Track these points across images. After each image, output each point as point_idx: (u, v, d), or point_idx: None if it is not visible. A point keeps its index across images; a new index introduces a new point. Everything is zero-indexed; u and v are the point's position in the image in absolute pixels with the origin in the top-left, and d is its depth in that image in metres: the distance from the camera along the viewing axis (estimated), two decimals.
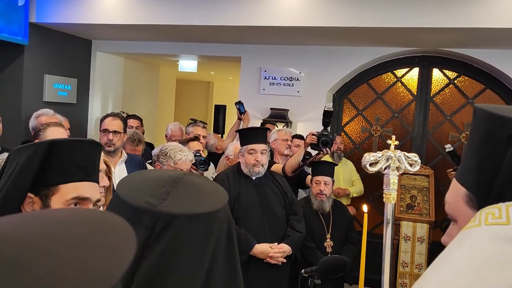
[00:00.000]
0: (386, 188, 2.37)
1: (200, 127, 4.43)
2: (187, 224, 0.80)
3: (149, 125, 6.75)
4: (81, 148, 1.21)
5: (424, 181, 4.88)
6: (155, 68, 7.74)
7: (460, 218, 0.73)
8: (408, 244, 4.58)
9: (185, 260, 0.80)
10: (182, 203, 0.83)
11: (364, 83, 5.52)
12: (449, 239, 0.73)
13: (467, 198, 0.72)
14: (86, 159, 1.21)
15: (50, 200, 1.18)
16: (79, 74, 5.97)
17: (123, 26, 4.98)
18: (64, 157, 1.18)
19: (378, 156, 2.31)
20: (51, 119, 3.63)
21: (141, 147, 4.02)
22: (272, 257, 3.00)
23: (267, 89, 5.55)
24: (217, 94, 10.68)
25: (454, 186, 0.76)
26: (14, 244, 0.38)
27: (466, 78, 5.22)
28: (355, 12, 4.15)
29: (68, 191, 1.19)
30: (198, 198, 0.86)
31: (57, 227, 0.42)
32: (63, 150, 1.18)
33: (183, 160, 2.87)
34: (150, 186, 0.86)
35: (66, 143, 1.20)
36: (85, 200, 1.22)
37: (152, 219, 0.79)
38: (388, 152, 2.34)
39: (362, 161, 2.33)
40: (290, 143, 4.15)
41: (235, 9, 4.46)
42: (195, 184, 0.90)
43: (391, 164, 2.32)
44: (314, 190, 3.52)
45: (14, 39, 4.96)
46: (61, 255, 0.38)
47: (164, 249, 0.78)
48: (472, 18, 3.87)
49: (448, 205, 0.77)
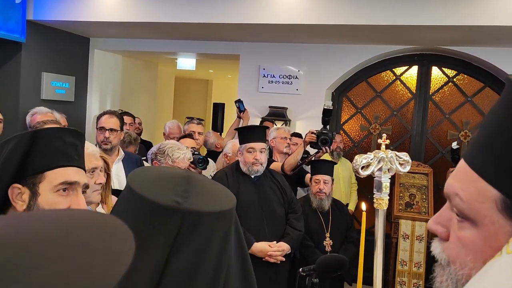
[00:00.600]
0: (377, 193, 2.13)
1: (194, 124, 4.41)
2: (212, 222, 0.80)
3: (147, 123, 6.74)
4: (62, 135, 1.23)
5: (423, 179, 4.88)
6: (154, 66, 7.72)
7: (487, 225, 0.58)
8: (407, 242, 4.57)
9: (211, 258, 0.79)
10: (204, 201, 0.82)
11: (363, 81, 5.51)
12: (443, 230, 0.64)
13: (504, 205, 0.56)
14: (67, 146, 1.24)
15: (38, 187, 1.20)
16: (77, 72, 5.95)
17: (121, 24, 4.96)
18: (47, 144, 1.20)
19: (370, 158, 2.10)
20: (45, 117, 3.63)
21: (133, 148, 3.95)
22: (271, 256, 2.99)
23: (266, 87, 5.53)
24: (216, 92, 10.67)
25: (474, 183, 0.59)
26: (12, 248, 0.37)
27: (465, 76, 5.21)
28: (354, 9, 4.14)
29: (55, 176, 1.21)
30: (214, 196, 0.86)
31: (55, 229, 0.41)
32: (44, 138, 1.21)
33: (181, 158, 2.86)
34: (167, 184, 0.83)
35: (47, 131, 1.23)
36: (73, 184, 1.24)
37: (178, 217, 0.77)
38: (380, 153, 2.12)
39: (353, 165, 2.10)
40: (289, 141, 4.14)
41: (233, 6, 4.45)
42: (204, 183, 0.89)
43: (383, 166, 2.10)
44: (313, 188, 3.51)
45: (11, 36, 4.94)
46: (60, 259, 0.37)
47: (192, 249, 0.77)
48: (471, 16, 3.85)
49: (463, 203, 0.60)
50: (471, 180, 0.60)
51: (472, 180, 0.60)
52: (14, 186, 1.19)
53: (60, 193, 1.22)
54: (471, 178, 0.60)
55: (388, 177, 2.14)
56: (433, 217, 0.67)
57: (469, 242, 0.60)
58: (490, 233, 0.58)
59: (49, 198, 1.21)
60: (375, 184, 2.16)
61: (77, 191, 1.26)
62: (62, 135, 1.24)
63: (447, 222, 0.64)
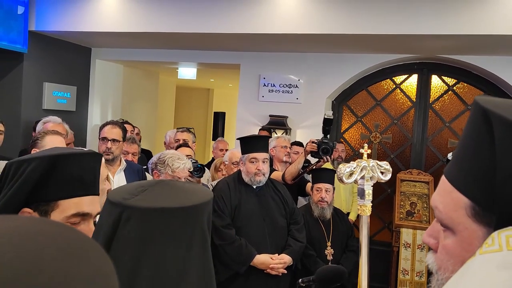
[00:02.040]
0: (361, 200, 2.26)
1: (186, 132, 4.38)
2: (152, 217, 0.86)
3: (148, 132, 6.76)
4: (83, 161, 1.17)
5: (424, 188, 4.87)
6: (155, 76, 7.75)
7: (462, 231, 0.64)
8: (408, 251, 4.56)
9: (154, 250, 0.85)
10: (151, 199, 0.89)
11: (363, 90, 5.53)
12: (434, 242, 0.69)
13: (473, 212, 0.62)
14: (87, 172, 1.17)
15: (50, 216, 1.14)
16: (78, 82, 5.97)
17: (123, 34, 4.99)
18: (66, 171, 1.13)
19: (353, 166, 2.23)
20: (57, 127, 3.58)
21: (135, 146, 3.94)
22: (273, 268, 2.97)
23: (266, 96, 5.55)
24: (217, 101, 10.69)
25: (450, 194, 0.65)
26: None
27: (465, 84, 5.22)
28: (354, 19, 4.16)
29: (69, 207, 1.14)
30: (171, 195, 0.91)
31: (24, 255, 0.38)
32: (64, 164, 1.13)
33: (181, 168, 2.86)
34: (133, 186, 0.94)
35: (68, 157, 1.15)
36: (86, 216, 1.18)
37: (119, 211, 0.87)
38: (362, 162, 2.25)
39: (338, 173, 2.23)
40: (289, 150, 4.15)
41: (234, 17, 4.48)
42: (176, 185, 0.96)
43: (365, 174, 2.23)
44: (315, 197, 3.51)
45: (13, 47, 4.97)
46: None
47: (129, 238, 0.85)
48: (471, 24, 3.88)
49: (441, 213, 0.67)
50: (447, 191, 0.66)
51: (448, 191, 0.66)
52: (24, 211, 1.13)
53: (71, 224, 1.15)
54: (447, 190, 0.66)
55: (370, 184, 2.26)
56: (426, 230, 0.73)
57: (450, 249, 0.66)
58: (465, 238, 0.64)
59: None
60: (358, 192, 2.30)
61: (89, 222, 1.19)
62: (83, 161, 1.17)
63: (437, 234, 0.70)
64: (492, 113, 0.61)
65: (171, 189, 0.93)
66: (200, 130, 9.37)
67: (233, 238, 2.90)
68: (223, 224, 2.89)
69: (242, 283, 2.93)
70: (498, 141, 0.60)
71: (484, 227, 0.62)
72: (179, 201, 0.89)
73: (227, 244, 2.88)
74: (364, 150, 2.36)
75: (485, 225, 0.62)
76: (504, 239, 0.56)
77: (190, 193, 0.93)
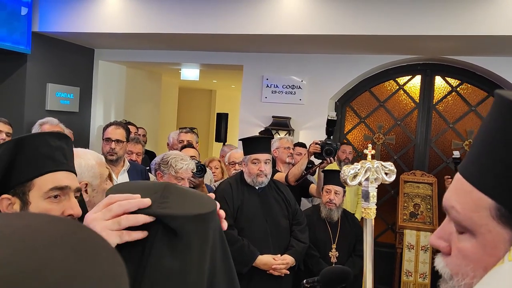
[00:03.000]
0: (365, 203, 2.19)
1: (189, 133, 4.40)
2: (186, 225, 0.81)
3: (151, 134, 6.75)
4: (48, 139, 1.20)
5: (428, 189, 4.85)
6: (158, 77, 7.76)
7: (484, 233, 0.59)
8: (412, 253, 4.54)
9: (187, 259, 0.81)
10: (179, 205, 0.84)
11: (366, 91, 5.51)
12: (445, 244, 0.65)
13: (497, 213, 0.57)
14: (55, 150, 1.20)
15: (28, 196, 1.17)
16: (81, 83, 5.98)
17: (126, 35, 4.99)
18: (32, 151, 1.17)
19: (357, 168, 2.15)
20: (54, 128, 3.60)
21: (140, 146, 3.94)
22: (276, 269, 2.96)
23: (269, 97, 5.54)
24: (220, 102, 10.69)
25: (469, 194, 0.60)
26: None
27: (469, 85, 5.21)
28: (357, 20, 4.16)
29: (45, 183, 1.17)
30: (191, 201, 0.88)
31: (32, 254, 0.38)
32: (29, 144, 1.17)
33: (184, 169, 2.85)
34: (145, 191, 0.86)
35: (33, 137, 1.20)
36: (65, 189, 1.20)
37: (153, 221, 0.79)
38: (367, 163, 2.17)
39: (341, 175, 2.16)
40: (292, 151, 4.14)
41: (236, 17, 4.48)
42: (183, 189, 0.92)
43: (370, 175, 2.16)
44: (324, 198, 3.49)
45: (16, 48, 4.99)
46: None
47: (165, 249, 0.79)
48: (475, 25, 3.86)
49: (459, 214, 0.61)
50: (466, 191, 0.61)
51: (467, 191, 0.61)
52: (3, 198, 1.15)
53: (52, 200, 1.19)
54: (466, 189, 0.61)
55: (375, 186, 2.19)
56: (435, 232, 0.68)
57: (469, 253, 0.61)
58: (488, 242, 0.59)
59: (41, 205, 1.17)
60: (362, 194, 2.22)
61: (69, 195, 1.22)
62: (48, 139, 1.20)
63: (449, 236, 0.65)
64: (501, 97, 0.57)
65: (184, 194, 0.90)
66: (202, 132, 9.37)
67: (235, 239, 2.89)
68: None
69: (244, 284, 2.92)
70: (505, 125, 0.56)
71: (511, 230, 0.57)
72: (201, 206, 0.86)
73: (229, 245, 2.87)
74: (368, 150, 2.30)
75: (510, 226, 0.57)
76: None
77: (200, 197, 0.92)
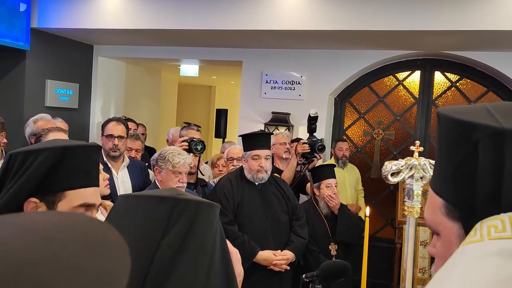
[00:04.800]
0: (409, 201, 2.12)
1: (194, 130, 4.37)
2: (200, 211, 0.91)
3: (150, 130, 6.75)
4: (88, 153, 1.20)
5: (427, 184, 4.85)
6: (157, 73, 7.75)
7: (442, 231, 0.68)
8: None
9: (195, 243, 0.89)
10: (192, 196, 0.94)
11: (366, 87, 5.51)
12: (435, 251, 0.72)
13: (445, 210, 0.67)
14: (91, 164, 1.21)
15: (57, 206, 1.16)
16: (80, 79, 5.98)
17: (125, 31, 4.99)
18: (73, 163, 1.17)
19: (401, 164, 2.06)
20: (49, 124, 3.56)
21: (139, 143, 3.93)
22: (276, 265, 2.97)
23: (269, 93, 5.54)
24: (219, 98, 10.69)
25: (431, 198, 0.70)
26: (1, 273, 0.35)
27: (468, 81, 5.20)
28: (357, 15, 4.15)
29: (76, 197, 1.18)
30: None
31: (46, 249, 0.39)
32: (73, 155, 1.17)
33: (181, 163, 2.85)
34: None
35: (77, 148, 1.19)
36: (90, 207, 1.22)
37: (170, 205, 0.88)
38: (412, 160, 2.08)
39: (383, 171, 2.07)
40: (288, 146, 4.13)
41: (236, 13, 4.47)
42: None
43: (415, 173, 2.07)
44: (325, 192, 3.50)
45: (15, 44, 4.98)
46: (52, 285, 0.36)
47: (180, 232, 0.87)
48: (474, 20, 3.86)
49: (427, 219, 0.72)
50: (430, 197, 0.71)
51: (430, 197, 0.71)
52: (30, 200, 1.15)
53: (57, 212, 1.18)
54: (431, 198, 0.71)
55: (420, 185, 2.12)
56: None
57: (439, 252, 0.70)
58: (446, 238, 0.67)
59: None
60: (406, 192, 2.14)
61: (92, 212, 1.23)
62: (89, 153, 1.20)
63: (436, 242, 0.73)
64: (438, 113, 0.67)
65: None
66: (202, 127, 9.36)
67: (236, 235, 2.91)
68: (226, 220, 2.90)
69: (244, 279, 2.94)
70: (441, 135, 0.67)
71: (457, 223, 0.65)
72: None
73: (230, 240, 2.88)
74: (416, 147, 2.18)
75: (458, 220, 0.65)
76: (486, 229, 0.58)
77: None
